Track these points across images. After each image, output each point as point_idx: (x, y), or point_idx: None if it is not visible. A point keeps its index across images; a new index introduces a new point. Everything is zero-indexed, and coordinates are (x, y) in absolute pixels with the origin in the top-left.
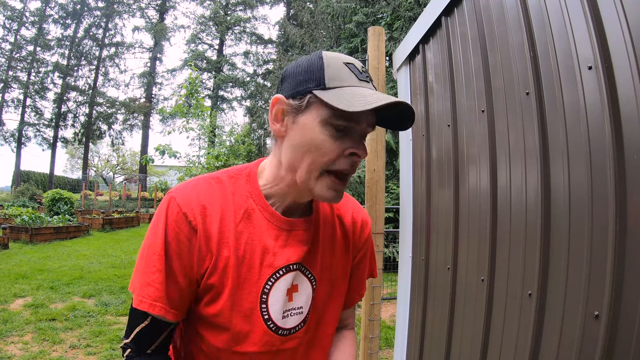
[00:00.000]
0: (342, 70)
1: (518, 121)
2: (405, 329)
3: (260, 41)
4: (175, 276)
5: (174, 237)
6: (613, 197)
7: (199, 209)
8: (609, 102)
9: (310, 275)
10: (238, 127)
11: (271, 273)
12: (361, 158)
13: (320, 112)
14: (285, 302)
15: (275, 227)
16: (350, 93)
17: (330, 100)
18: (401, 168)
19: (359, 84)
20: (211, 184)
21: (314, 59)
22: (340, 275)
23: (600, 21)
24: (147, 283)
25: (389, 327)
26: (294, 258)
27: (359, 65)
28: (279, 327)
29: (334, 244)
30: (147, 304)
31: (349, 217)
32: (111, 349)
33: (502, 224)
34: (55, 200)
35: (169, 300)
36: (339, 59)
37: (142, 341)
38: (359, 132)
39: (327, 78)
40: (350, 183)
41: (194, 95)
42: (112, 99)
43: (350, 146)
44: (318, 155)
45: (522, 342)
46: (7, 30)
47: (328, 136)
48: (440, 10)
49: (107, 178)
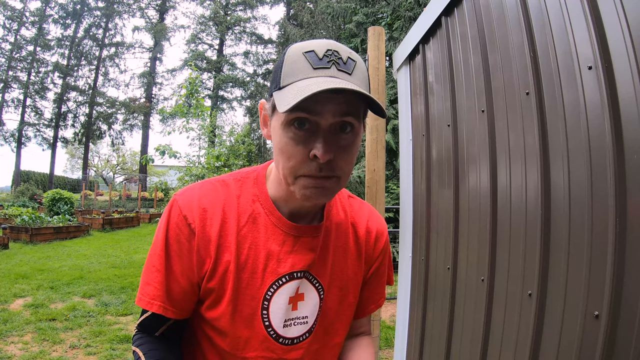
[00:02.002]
0: (298, 63)
1: (518, 121)
2: (405, 329)
3: (260, 41)
4: (176, 276)
5: (175, 239)
6: (613, 197)
7: (199, 212)
8: (609, 102)
9: (318, 284)
10: (238, 127)
11: (274, 279)
12: (323, 161)
13: (280, 114)
14: (287, 310)
15: (282, 233)
16: (297, 88)
17: (277, 100)
18: (401, 168)
19: (313, 74)
20: (216, 187)
21: (281, 56)
22: (353, 285)
23: (600, 21)
24: (146, 282)
25: (389, 327)
26: (299, 265)
27: (322, 49)
28: (279, 336)
29: (347, 253)
30: (145, 301)
31: (363, 226)
32: (111, 349)
33: (502, 224)
34: (55, 200)
35: (169, 299)
36: (300, 48)
37: (147, 329)
38: (325, 128)
39: (283, 76)
40: (350, 183)
41: (194, 95)
42: (112, 99)
43: (312, 148)
44: (285, 161)
45: (522, 342)
46: (7, 30)
47: (290, 139)
48: (440, 10)
49: (107, 178)
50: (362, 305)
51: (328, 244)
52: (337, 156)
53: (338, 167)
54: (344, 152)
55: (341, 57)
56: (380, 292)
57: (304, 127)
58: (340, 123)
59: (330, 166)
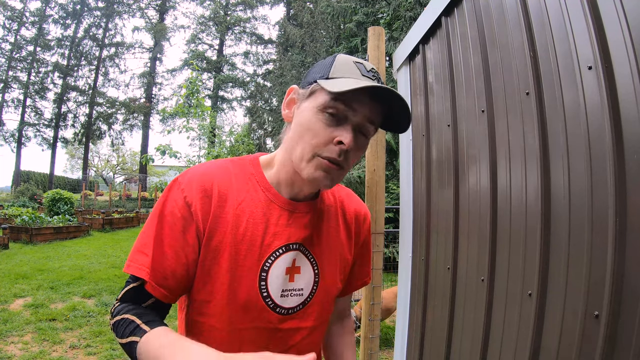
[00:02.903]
0: (348, 66)
1: (518, 121)
2: (405, 329)
3: (260, 41)
4: (166, 250)
5: (170, 212)
6: (613, 197)
7: (199, 191)
8: (609, 102)
9: (312, 257)
10: (238, 127)
11: (271, 251)
12: (346, 148)
13: (319, 98)
14: (285, 281)
15: (278, 207)
16: (345, 81)
17: (325, 84)
18: (401, 168)
19: (362, 78)
20: (215, 168)
21: (329, 58)
22: (344, 264)
23: (600, 21)
24: (137, 250)
25: (389, 327)
26: (294, 238)
27: (369, 66)
28: (277, 305)
29: (338, 234)
30: (134, 267)
31: (351, 209)
32: (111, 349)
33: (502, 224)
34: (55, 200)
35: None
36: (350, 58)
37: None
38: (354, 124)
39: (333, 70)
40: (350, 183)
41: (195, 95)
42: (112, 99)
43: (339, 134)
44: (309, 138)
45: (522, 342)
46: (7, 30)
47: (321, 121)
48: (440, 10)
49: (107, 178)
50: (349, 282)
51: (321, 225)
52: (352, 150)
53: (349, 160)
54: (357, 151)
55: (380, 78)
56: (366, 270)
57: (334, 117)
58: (362, 126)
59: (347, 156)
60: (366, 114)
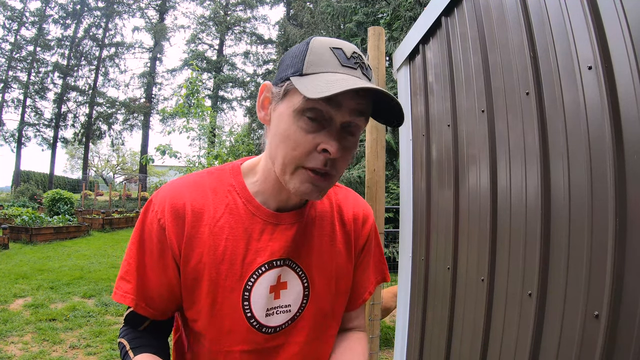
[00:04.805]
0: (325, 55)
1: (518, 121)
2: (405, 329)
3: (260, 41)
4: (149, 274)
5: (148, 238)
6: (613, 197)
7: (170, 210)
8: (609, 102)
9: (300, 271)
10: (238, 127)
11: (253, 270)
12: (332, 157)
13: (294, 100)
14: (269, 299)
15: (261, 221)
16: (325, 79)
17: (299, 86)
18: (401, 168)
19: (341, 70)
20: (190, 183)
21: (301, 44)
22: (344, 273)
23: (600, 21)
24: (121, 277)
25: (389, 327)
26: (278, 254)
27: (349, 50)
28: (262, 325)
29: (334, 241)
30: (119, 295)
31: (349, 213)
32: (111, 349)
33: (502, 224)
34: (55, 200)
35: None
36: (327, 43)
37: (131, 323)
38: (338, 125)
39: (306, 63)
40: (350, 183)
41: (195, 95)
42: (112, 99)
43: (322, 141)
44: (289, 149)
45: (522, 342)
46: (7, 30)
47: (300, 128)
48: (440, 10)
49: (107, 178)
50: (354, 293)
51: (312, 233)
52: (340, 156)
53: (338, 167)
54: (346, 153)
55: (364, 63)
56: (367, 283)
57: (315, 120)
58: (349, 122)
59: (334, 163)
60: (353, 107)
